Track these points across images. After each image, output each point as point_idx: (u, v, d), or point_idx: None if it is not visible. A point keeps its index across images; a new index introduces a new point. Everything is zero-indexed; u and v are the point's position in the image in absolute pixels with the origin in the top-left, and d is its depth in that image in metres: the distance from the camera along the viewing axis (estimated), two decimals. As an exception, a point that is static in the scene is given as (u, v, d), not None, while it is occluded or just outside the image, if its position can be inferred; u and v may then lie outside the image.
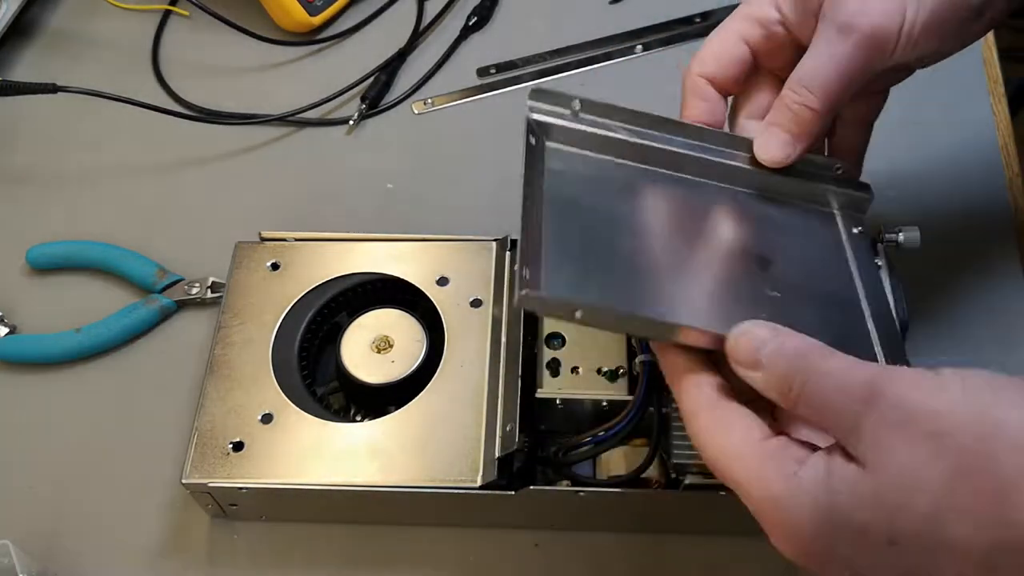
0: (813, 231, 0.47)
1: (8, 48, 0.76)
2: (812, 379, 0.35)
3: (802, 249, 0.46)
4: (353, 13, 0.77)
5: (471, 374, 0.52)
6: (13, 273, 0.64)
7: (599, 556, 0.52)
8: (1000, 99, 0.69)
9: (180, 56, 0.76)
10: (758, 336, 0.37)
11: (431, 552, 0.53)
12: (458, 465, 0.49)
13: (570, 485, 0.50)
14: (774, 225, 0.46)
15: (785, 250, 0.45)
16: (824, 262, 0.46)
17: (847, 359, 0.35)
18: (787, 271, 0.44)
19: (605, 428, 0.50)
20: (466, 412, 0.51)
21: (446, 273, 0.56)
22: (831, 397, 0.34)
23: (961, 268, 0.61)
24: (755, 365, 0.37)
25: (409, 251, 0.57)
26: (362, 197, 0.67)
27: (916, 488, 0.32)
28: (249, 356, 0.54)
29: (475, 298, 0.55)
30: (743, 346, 0.37)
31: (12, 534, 0.50)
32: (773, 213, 0.46)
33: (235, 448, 0.50)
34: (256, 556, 0.53)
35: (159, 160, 0.70)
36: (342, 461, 0.50)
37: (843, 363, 0.35)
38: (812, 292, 0.44)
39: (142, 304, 0.61)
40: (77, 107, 0.69)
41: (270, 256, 0.57)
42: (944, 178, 0.66)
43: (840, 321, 0.44)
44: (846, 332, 0.43)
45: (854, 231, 0.48)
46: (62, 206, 0.68)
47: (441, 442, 0.50)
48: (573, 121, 0.45)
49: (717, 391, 0.38)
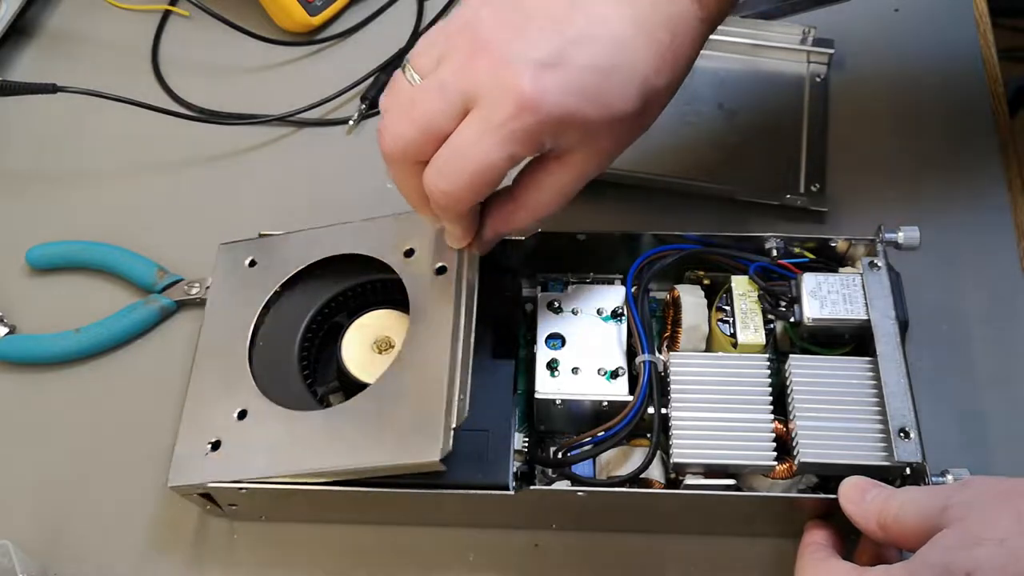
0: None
1: (8, 48, 0.76)
2: (896, 509, 0.44)
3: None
4: (353, 13, 0.77)
5: (435, 345, 0.50)
6: (13, 273, 0.64)
7: (599, 556, 0.52)
8: (1000, 99, 0.69)
9: (180, 56, 0.76)
10: (864, 486, 0.46)
11: (431, 552, 0.53)
12: (418, 441, 0.47)
13: (570, 485, 0.50)
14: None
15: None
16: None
17: (913, 491, 0.45)
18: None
19: (605, 428, 0.51)
20: (430, 386, 0.49)
21: (412, 245, 0.54)
22: (917, 512, 0.43)
23: (961, 268, 0.61)
24: (878, 530, 0.45)
25: (375, 229, 0.56)
26: (362, 197, 0.67)
27: (991, 525, 0.39)
28: (227, 355, 0.53)
29: (440, 265, 0.53)
30: (854, 492, 0.46)
31: (12, 534, 0.50)
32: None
33: (213, 448, 0.50)
34: (256, 556, 0.53)
35: (159, 160, 0.70)
36: (307, 449, 0.49)
37: (913, 492, 0.45)
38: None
39: (142, 304, 0.61)
40: (77, 107, 0.69)
41: (247, 254, 0.58)
42: (944, 178, 0.66)
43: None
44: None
45: (816, 80, 0.50)
46: (62, 206, 0.68)
47: (403, 420, 0.48)
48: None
49: (829, 552, 0.47)
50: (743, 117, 0.68)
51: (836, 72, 0.70)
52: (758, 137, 0.67)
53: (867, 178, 0.66)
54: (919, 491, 0.45)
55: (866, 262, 0.53)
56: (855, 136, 0.67)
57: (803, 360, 0.51)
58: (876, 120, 0.68)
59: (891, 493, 0.45)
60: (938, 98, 0.69)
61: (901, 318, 0.52)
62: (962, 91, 0.70)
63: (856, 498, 0.46)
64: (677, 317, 0.54)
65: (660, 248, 0.55)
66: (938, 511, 0.42)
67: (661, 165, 0.65)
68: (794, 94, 0.69)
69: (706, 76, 0.69)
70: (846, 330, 0.52)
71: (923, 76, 0.71)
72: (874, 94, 0.69)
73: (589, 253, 0.56)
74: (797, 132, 0.67)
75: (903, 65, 0.70)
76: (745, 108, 0.68)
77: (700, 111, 0.68)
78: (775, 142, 0.66)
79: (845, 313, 0.52)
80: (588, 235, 0.56)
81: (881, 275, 0.53)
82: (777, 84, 0.69)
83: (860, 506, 0.45)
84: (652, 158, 0.65)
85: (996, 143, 0.67)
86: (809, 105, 0.68)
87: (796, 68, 0.70)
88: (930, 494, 0.43)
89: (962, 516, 0.41)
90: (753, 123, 0.67)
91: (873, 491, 0.45)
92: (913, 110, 0.69)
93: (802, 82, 0.69)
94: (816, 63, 0.70)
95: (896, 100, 0.70)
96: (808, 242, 0.56)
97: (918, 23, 0.74)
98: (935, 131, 0.68)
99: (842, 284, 0.53)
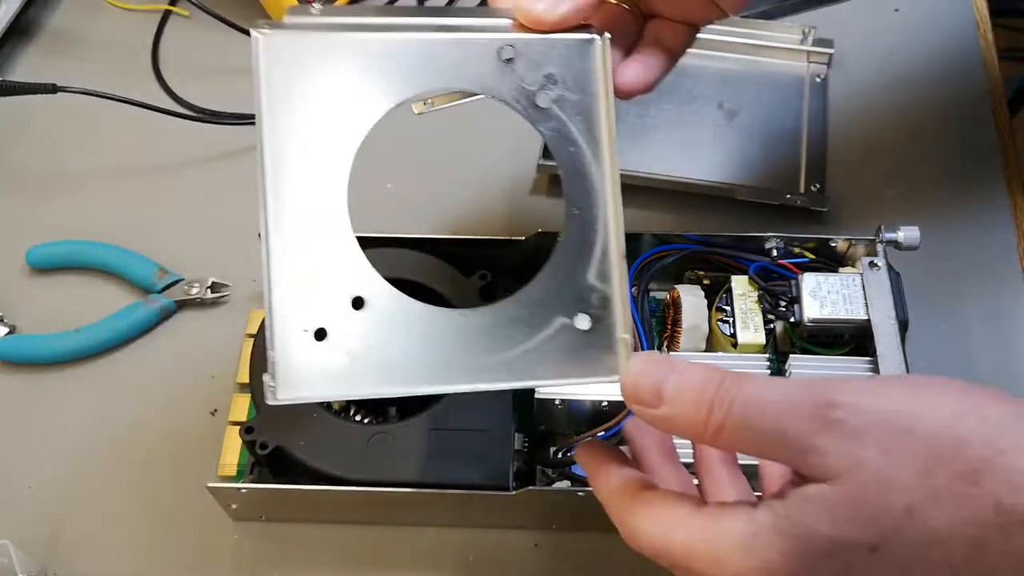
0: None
1: (8, 48, 0.76)
2: (738, 407, 0.33)
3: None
4: (353, 13, 0.77)
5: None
6: (13, 273, 0.64)
7: (599, 556, 0.52)
8: (1000, 99, 0.69)
9: (180, 56, 0.76)
10: (655, 370, 0.35)
11: (431, 552, 0.53)
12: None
13: (570, 485, 0.50)
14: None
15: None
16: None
17: (765, 381, 0.34)
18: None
19: (605, 428, 0.51)
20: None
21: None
22: (774, 420, 0.32)
23: (961, 268, 0.61)
24: (658, 399, 0.35)
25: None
26: (362, 197, 0.67)
27: (890, 486, 0.31)
28: (316, 205, 0.40)
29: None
30: (642, 384, 0.36)
31: (12, 534, 0.50)
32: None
33: (317, 336, 0.37)
34: (256, 556, 0.53)
35: (159, 160, 0.70)
36: (463, 357, 0.39)
37: (770, 384, 0.33)
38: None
39: (142, 304, 0.61)
40: (77, 107, 0.69)
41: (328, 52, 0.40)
42: (944, 178, 0.66)
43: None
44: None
45: (816, 80, 0.48)
46: (62, 206, 0.68)
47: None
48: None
49: (638, 485, 0.37)
50: (743, 117, 0.68)
51: (836, 72, 0.70)
52: (758, 137, 0.67)
53: (867, 178, 0.66)
54: (774, 394, 0.33)
55: (866, 262, 0.53)
56: (855, 136, 0.67)
57: (803, 360, 0.51)
58: (876, 120, 0.68)
59: (708, 377, 0.34)
60: (938, 98, 0.69)
61: (901, 318, 0.52)
62: (962, 91, 0.70)
63: (649, 395, 0.35)
64: (677, 317, 0.54)
65: (660, 248, 0.55)
66: (807, 430, 0.32)
67: (661, 165, 0.65)
68: (794, 94, 0.69)
69: (706, 76, 0.69)
70: (846, 330, 0.52)
71: (923, 76, 0.71)
72: (874, 94, 0.69)
73: (589, 253, 0.56)
74: (797, 132, 0.67)
75: (903, 65, 0.70)
76: (745, 108, 0.68)
77: (700, 111, 0.68)
78: (775, 142, 0.67)
79: (845, 313, 0.52)
80: (588, 235, 0.55)
81: (881, 275, 0.53)
82: (777, 84, 0.70)
83: (658, 404, 0.35)
84: (652, 158, 0.65)
85: (996, 143, 0.67)
86: (809, 105, 0.68)
87: (796, 68, 0.70)
88: (794, 405, 0.32)
89: (851, 463, 0.31)
90: (753, 123, 0.68)
91: (676, 376, 0.35)
92: (913, 110, 0.69)
93: (802, 82, 0.70)
94: (816, 63, 0.70)
95: (896, 100, 0.70)
96: (808, 242, 0.56)
97: (918, 23, 0.74)
98: (935, 131, 0.68)
99: (842, 284, 0.53)
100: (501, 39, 0.41)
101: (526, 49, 0.41)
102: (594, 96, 0.41)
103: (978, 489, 0.30)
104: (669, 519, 0.35)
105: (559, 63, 0.41)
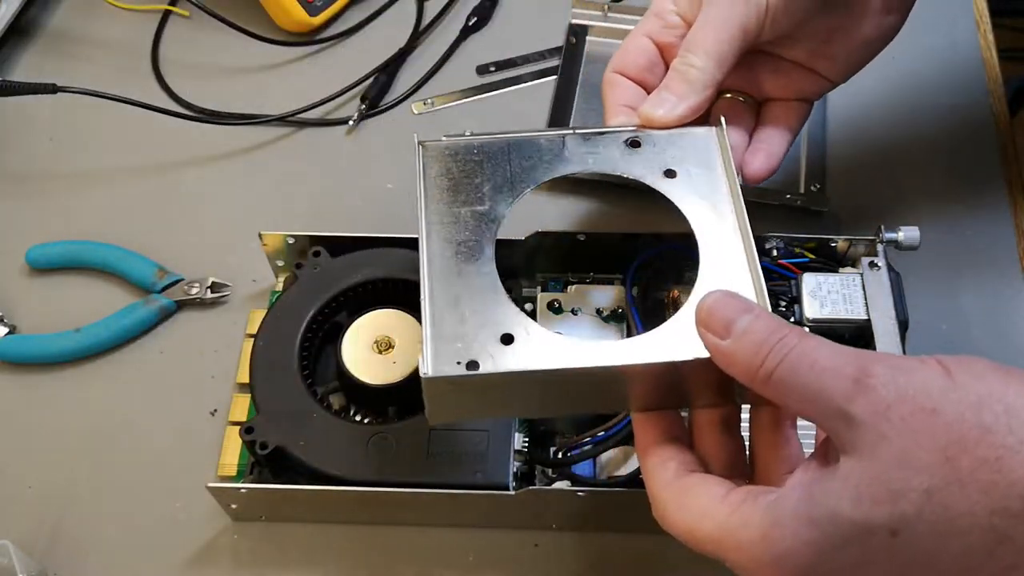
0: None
1: (8, 48, 0.76)
2: (793, 357, 0.34)
3: None
4: (353, 13, 0.77)
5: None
6: (13, 273, 0.64)
7: (599, 556, 0.52)
8: (1000, 99, 0.69)
9: (180, 56, 0.76)
10: (734, 305, 0.37)
11: (431, 552, 0.53)
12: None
13: (570, 485, 0.50)
14: None
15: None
16: None
17: (821, 341, 0.35)
18: None
19: (605, 428, 0.51)
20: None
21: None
22: (818, 377, 0.33)
23: (961, 268, 0.61)
24: (727, 330, 0.36)
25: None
26: (362, 197, 0.67)
27: (910, 465, 0.31)
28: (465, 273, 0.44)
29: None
30: (718, 310, 0.37)
31: (12, 534, 0.50)
32: None
33: (505, 342, 0.40)
34: (256, 556, 0.53)
35: (159, 160, 0.70)
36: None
37: (825, 344, 0.35)
38: None
39: (142, 304, 0.61)
40: (77, 107, 0.69)
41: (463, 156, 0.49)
42: (944, 178, 0.66)
43: None
44: None
45: None
46: (62, 206, 0.67)
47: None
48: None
49: (681, 467, 0.39)
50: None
51: (836, 72, 0.70)
52: (758, 137, 0.67)
53: (867, 178, 0.66)
54: (826, 353, 0.34)
55: (866, 262, 0.53)
56: (855, 136, 0.67)
57: (803, 360, 0.51)
58: (876, 120, 0.68)
59: (777, 327, 0.35)
60: (938, 98, 0.69)
61: (901, 318, 0.52)
62: (962, 91, 0.70)
63: (720, 324, 0.37)
64: (677, 317, 0.54)
65: (660, 248, 0.55)
66: (844, 394, 0.33)
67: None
68: (794, 94, 0.69)
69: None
70: (846, 330, 0.52)
71: (923, 76, 0.71)
72: (874, 94, 0.69)
73: (589, 253, 0.56)
74: (797, 132, 0.67)
75: (903, 65, 0.70)
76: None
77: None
78: (775, 142, 0.66)
79: (845, 313, 0.52)
80: (588, 235, 0.56)
81: (881, 275, 0.53)
82: (777, 84, 0.69)
83: (726, 335, 0.36)
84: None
85: (996, 143, 0.67)
86: (809, 105, 0.68)
87: (796, 68, 0.70)
88: (839, 367, 0.33)
89: (875, 438, 0.32)
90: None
91: (748, 316, 0.36)
92: (913, 110, 0.69)
93: (802, 82, 0.69)
94: (816, 63, 0.70)
95: (896, 100, 0.70)
96: (808, 242, 0.56)
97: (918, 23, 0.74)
98: (935, 131, 0.68)
99: (842, 284, 0.53)
100: (628, 133, 0.47)
101: (650, 137, 0.47)
102: (715, 170, 0.46)
103: (1002, 478, 0.30)
104: (698, 509, 0.37)
105: (682, 147, 0.46)
